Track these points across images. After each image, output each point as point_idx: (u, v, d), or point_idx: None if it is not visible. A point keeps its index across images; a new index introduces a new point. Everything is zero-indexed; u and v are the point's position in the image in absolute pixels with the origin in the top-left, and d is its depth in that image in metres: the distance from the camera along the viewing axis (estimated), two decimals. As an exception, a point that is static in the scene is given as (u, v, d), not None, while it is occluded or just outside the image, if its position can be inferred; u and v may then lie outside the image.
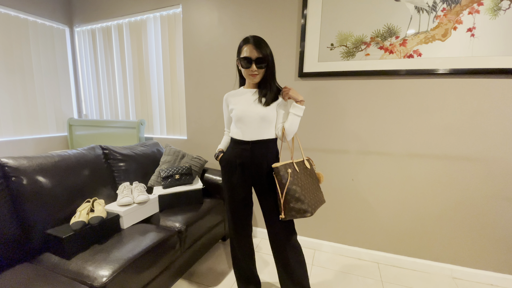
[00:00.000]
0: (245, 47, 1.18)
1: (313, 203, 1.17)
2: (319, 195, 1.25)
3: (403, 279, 1.65)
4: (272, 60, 1.20)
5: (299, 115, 1.21)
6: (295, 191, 1.12)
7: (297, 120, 1.21)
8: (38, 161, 1.31)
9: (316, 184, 1.28)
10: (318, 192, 1.26)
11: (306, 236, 2.01)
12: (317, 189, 1.26)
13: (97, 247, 1.21)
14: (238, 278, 1.46)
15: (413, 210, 1.72)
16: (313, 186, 1.24)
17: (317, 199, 1.21)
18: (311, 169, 1.28)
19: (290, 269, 1.25)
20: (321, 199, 1.25)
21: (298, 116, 1.21)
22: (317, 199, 1.22)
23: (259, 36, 1.20)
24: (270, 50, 1.18)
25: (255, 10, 1.91)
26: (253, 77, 1.20)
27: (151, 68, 2.44)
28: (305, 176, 1.22)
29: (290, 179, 1.13)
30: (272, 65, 1.21)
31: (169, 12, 2.24)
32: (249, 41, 1.17)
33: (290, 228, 1.26)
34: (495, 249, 1.59)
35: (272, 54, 1.20)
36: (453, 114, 1.57)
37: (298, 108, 1.20)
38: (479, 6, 1.42)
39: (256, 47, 1.15)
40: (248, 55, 1.16)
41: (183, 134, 2.40)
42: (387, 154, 1.73)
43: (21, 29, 2.37)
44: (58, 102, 2.71)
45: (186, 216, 1.57)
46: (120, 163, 1.76)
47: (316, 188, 1.26)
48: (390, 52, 1.61)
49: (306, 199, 1.13)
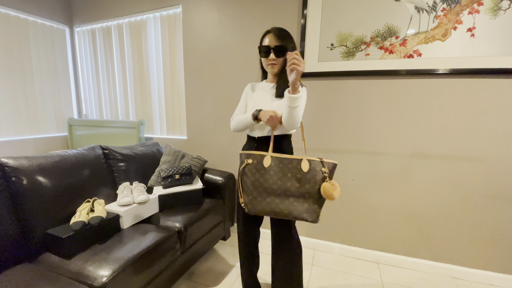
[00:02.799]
0: (266, 37, 1.16)
1: (258, 204, 1.05)
2: (284, 204, 1.04)
3: (403, 279, 1.65)
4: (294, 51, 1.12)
5: (293, 106, 0.99)
6: (245, 182, 1.10)
7: (294, 112, 1.00)
8: (38, 161, 1.31)
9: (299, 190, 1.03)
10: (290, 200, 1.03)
11: (306, 236, 2.01)
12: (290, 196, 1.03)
13: (97, 247, 1.21)
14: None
15: (413, 210, 1.72)
16: (284, 190, 1.03)
17: (272, 206, 1.04)
18: (307, 174, 1.02)
19: (280, 274, 1.23)
20: (284, 210, 1.04)
21: (292, 108, 0.99)
22: (272, 205, 1.04)
23: (283, 28, 1.17)
24: (293, 42, 1.15)
25: (255, 10, 1.91)
26: (272, 67, 1.17)
27: (151, 68, 2.44)
28: (277, 175, 1.04)
29: (244, 169, 1.09)
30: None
31: (169, 12, 2.24)
32: (270, 31, 1.16)
33: (289, 232, 1.20)
34: (495, 249, 1.59)
35: (295, 48, 1.16)
36: (453, 114, 1.57)
37: (290, 98, 0.97)
38: (479, 6, 1.42)
39: (276, 36, 1.14)
40: (267, 43, 1.15)
41: (183, 134, 2.40)
42: (387, 154, 1.73)
43: (21, 29, 2.37)
44: (58, 102, 2.71)
45: (186, 216, 1.57)
46: (120, 163, 1.76)
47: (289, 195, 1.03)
48: (390, 52, 1.61)
49: (252, 195, 1.06)
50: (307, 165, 1.02)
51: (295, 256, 1.22)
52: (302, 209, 1.04)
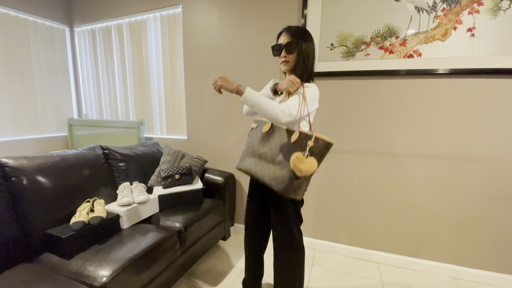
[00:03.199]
0: (280, 36, 1.16)
1: (243, 162, 1.15)
2: (262, 168, 1.06)
3: (403, 279, 1.65)
4: (308, 51, 1.12)
5: (246, 104, 1.06)
6: (246, 144, 1.20)
7: (256, 109, 1.04)
8: (38, 161, 1.31)
9: (278, 157, 1.04)
10: (268, 166, 1.05)
11: (306, 236, 2.00)
12: (269, 162, 1.05)
13: (97, 247, 1.21)
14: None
15: (413, 210, 1.72)
16: (267, 155, 1.06)
17: (251, 166, 1.10)
18: (294, 144, 1.02)
19: (280, 274, 1.24)
20: (258, 172, 1.07)
21: (246, 104, 1.06)
22: (252, 166, 1.10)
23: (301, 27, 1.16)
24: (308, 42, 1.12)
25: (255, 10, 1.91)
26: (284, 64, 1.15)
27: (151, 68, 2.44)
28: (268, 140, 1.09)
29: (249, 133, 1.22)
30: (306, 55, 1.12)
31: (169, 12, 2.24)
32: (284, 29, 1.15)
33: (290, 232, 1.20)
34: (495, 249, 1.59)
35: (312, 48, 1.13)
36: (453, 114, 1.57)
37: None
38: (479, 6, 1.42)
39: (288, 33, 1.13)
40: (280, 42, 1.15)
41: (183, 134, 2.40)
42: (387, 154, 1.73)
43: (21, 29, 2.37)
44: (58, 102, 2.71)
45: (186, 216, 1.57)
46: (120, 163, 1.76)
47: (269, 161, 1.05)
48: (390, 52, 1.61)
49: (243, 154, 1.18)
50: (296, 136, 1.02)
51: (295, 256, 1.22)
52: (272, 175, 1.03)
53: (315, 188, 1.93)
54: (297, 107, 1.04)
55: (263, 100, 1.03)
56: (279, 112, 1.01)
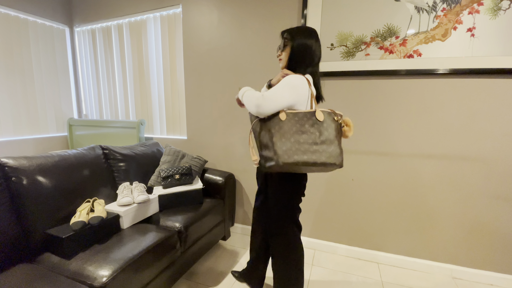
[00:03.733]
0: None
1: (292, 153, 0.99)
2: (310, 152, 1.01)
3: (403, 279, 1.65)
4: (300, 48, 1.12)
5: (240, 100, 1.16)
6: (263, 136, 1.04)
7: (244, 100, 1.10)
8: (38, 161, 1.31)
9: (320, 138, 1.02)
10: (314, 148, 1.01)
11: (306, 236, 2.01)
12: (313, 145, 1.02)
13: (97, 247, 1.21)
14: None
15: (413, 210, 1.72)
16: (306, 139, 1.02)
17: (312, 150, 1.01)
18: (324, 123, 1.04)
19: (276, 274, 1.26)
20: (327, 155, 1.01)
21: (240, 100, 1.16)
22: (312, 150, 1.01)
23: (302, 26, 1.18)
24: (304, 39, 1.12)
25: (255, 10, 1.91)
26: (279, 62, 1.21)
27: (151, 68, 2.44)
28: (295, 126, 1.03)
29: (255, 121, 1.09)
30: (298, 52, 1.13)
31: (169, 12, 2.24)
32: (286, 29, 1.17)
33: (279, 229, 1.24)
34: (495, 249, 1.59)
35: (307, 45, 1.12)
36: (453, 114, 1.57)
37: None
38: (479, 6, 1.42)
39: (285, 32, 1.16)
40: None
41: (183, 134, 2.40)
42: (387, 154, 1.73)
43: (21, 29, 2.37)
44: (58, 102, 2.71)
45: (186, 216, 1.57)
46: (120, 163, 1.76)
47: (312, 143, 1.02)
48: (390, 52, 1.61)
49: (275, 147, 1.00)
50: (322, 115, 1.04)
51: (288, 255, 1.23)
52: (327, 154, 1.01)
53: (315, 188, 1.93)
54: (272, 92, 1.03)
55: (249, 91, 1.09)
56: (256, 98, 1.03)
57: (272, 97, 1.01)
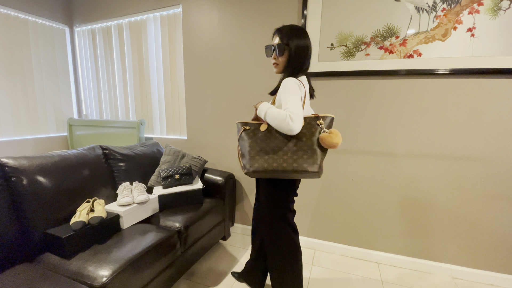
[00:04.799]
0: (274, 36, 1.14)
1: (256, 162, 1.05)
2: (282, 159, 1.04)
3: (403, 279, 1.65)
4: (298, 51, 1.09)
5: (265, 119, 1.08)
6: (243, 146, 1.11)
7: (267, 119, 1.07)
8: (38, 161, 1.31)
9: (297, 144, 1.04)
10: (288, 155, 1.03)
11: (306, 236, 2.01)
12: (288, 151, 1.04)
13: (97, 247, 1.21)
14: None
15: (413, 210, 1.72)
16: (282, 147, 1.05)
17: (270, 162, 1.04)
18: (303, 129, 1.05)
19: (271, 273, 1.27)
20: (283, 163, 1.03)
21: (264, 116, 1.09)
22: (270, 161, 1.04)
23: (293, 25, 1.12)
24: (299, 41, 1.08)
25: (255, 10, 1.91)
26: (274, 67, 1.15)
27: (151, 68, 2.44)
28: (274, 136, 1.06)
29: (241, 135, 1.11)
30: (295, 56, 1.10)
31: (169, 12, 2.24)
32: (277, 29, 1.12)
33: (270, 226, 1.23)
34: (495, 249, 1.59)
35: (303, 47, 1.10)
36: (453, 114, 1.57)
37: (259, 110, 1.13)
38: (479, 6, 1.42)
39: (279, 34, 1.10)
40: (272, 42, 1.12)
41: (183, 134, 2.40)
42: (387, 154, 1.73)
43: (21, 29, 2.37)
44: (58, 102, 2.71)
45: (186, 216, 1.57)
46: (120, 163, 1.76)
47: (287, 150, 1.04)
48: (390, 52, 1.61)
49: (250, 155, 1.07)
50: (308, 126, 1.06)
51: (282, 256, 1.23)
52: (301, 161, 1.03)
53: (315, 188, 1.93)
54: (292, 108, 1.01)
55: (270, 110, 1.05)
56: (286, 124, 0.99)
57: (297, 114, 0.99)
